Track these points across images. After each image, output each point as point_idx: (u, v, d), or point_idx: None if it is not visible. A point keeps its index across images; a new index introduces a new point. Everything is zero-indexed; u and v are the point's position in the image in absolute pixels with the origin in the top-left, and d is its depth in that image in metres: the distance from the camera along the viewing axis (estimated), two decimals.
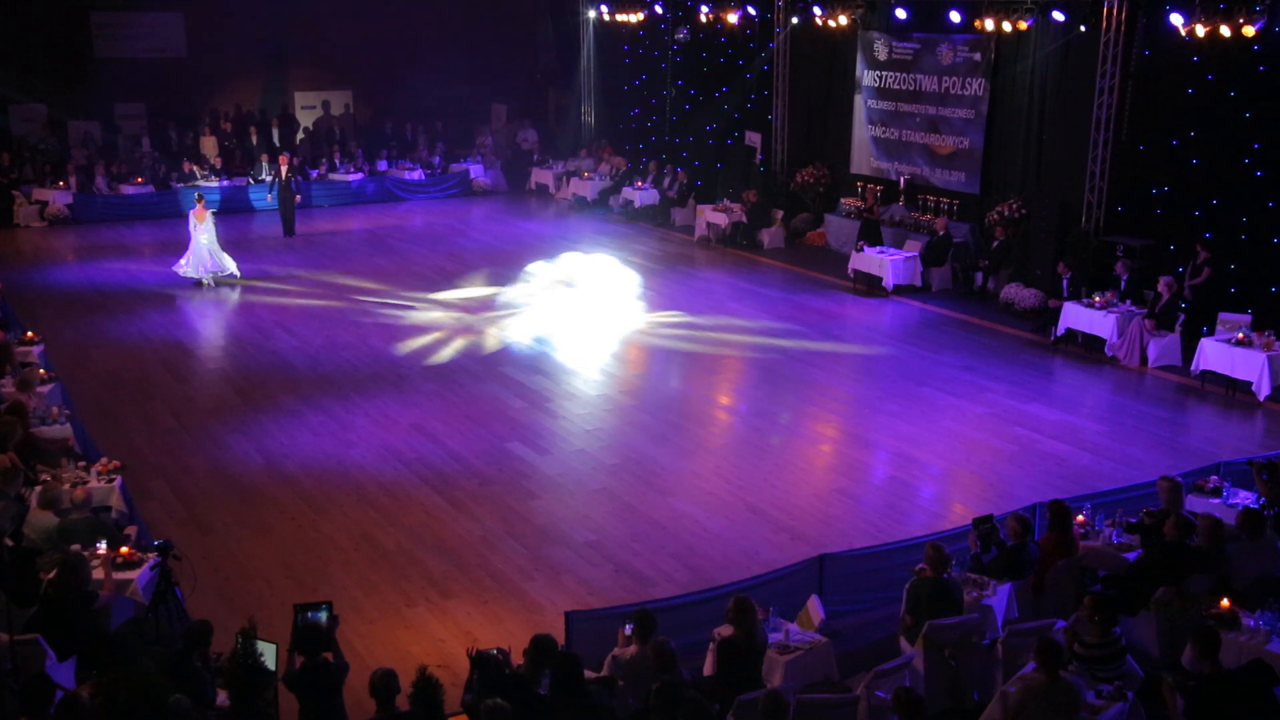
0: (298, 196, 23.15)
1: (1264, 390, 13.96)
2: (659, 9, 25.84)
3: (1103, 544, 9.44)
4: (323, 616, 7.52)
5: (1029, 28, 18.26)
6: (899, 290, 19.06)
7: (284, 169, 23.24)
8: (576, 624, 8.22)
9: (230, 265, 19.60)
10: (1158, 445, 12.91)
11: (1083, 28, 17.48)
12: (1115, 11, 16.92)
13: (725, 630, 7.79)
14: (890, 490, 11.94)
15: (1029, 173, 19.08)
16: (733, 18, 23.67)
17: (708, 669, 7.89)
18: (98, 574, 8.54)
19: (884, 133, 21.62)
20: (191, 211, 19.72)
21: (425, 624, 9.30)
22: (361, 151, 27.77)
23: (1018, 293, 17.83)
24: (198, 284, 19.24)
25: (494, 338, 16.72)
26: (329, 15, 28.59)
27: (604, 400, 14.42)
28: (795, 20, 22.79)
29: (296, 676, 7.19)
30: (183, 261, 19.40)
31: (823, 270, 20.83)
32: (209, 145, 26.67)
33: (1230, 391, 14.40)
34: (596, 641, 8.00)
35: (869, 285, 19.47)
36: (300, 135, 28.56)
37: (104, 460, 10.79)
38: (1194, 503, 10.03)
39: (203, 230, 19.33)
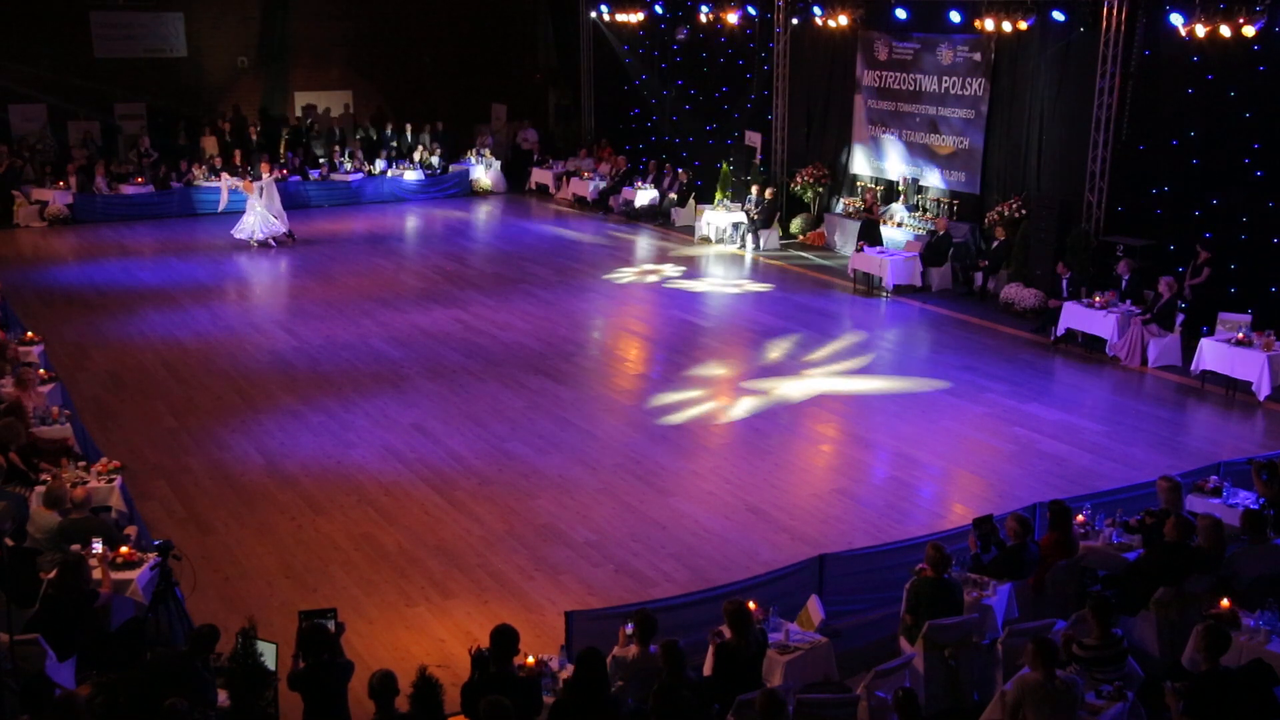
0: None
1: (1264, 390, 13.97)
2: (659, 9, 25.85)
3: (1103, 544, 9.44)
4: (330, 625, 7.53)
5: (1029, 28, 18.26)
6: (899, 290, 19.06)
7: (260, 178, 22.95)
8: (576, 624, 8.22)
9: (282, 227, 22.29)
10: (1158, 445, 12.92)
11: (1081, 29, 17.49)
12: (1115, 11, 16.93)
13: (726, 630, 7.79)
14: (890, 490, 11.94)
15: (1029, 173, 19.08)
16: (733, 18, 23.69)
17: (707, 669, 7.88)
18: (96, 574, 8.53)
19: (884, 132, 21.63)
20: (241, 184, 22.40)
21: (425, 624, 9.30)
22: (361, 151, 27.78)
23: (1018, 293, 17.83)
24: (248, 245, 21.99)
25: (494, 338, 16.72)
26: (329, 15, 28.68)
27: (604, 400, 14.42)
28: (795, 20, 22.79)
29: (301, 676, 7.20)
30: (238, 229, 22.08)
31: (823, 270, 20.85)
32: (209, 145, 26.67)
33: (1230, 391, 14.40)
34: (596, 641, 7.98)
35: (869, 285, 19.48)
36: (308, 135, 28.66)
37: (104, 460, 10.78)
38: (1194, 503, 10.03)
39: (253, 199, 21.96)
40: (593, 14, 28.22)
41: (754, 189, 22.77)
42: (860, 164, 22.29)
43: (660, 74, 26.82)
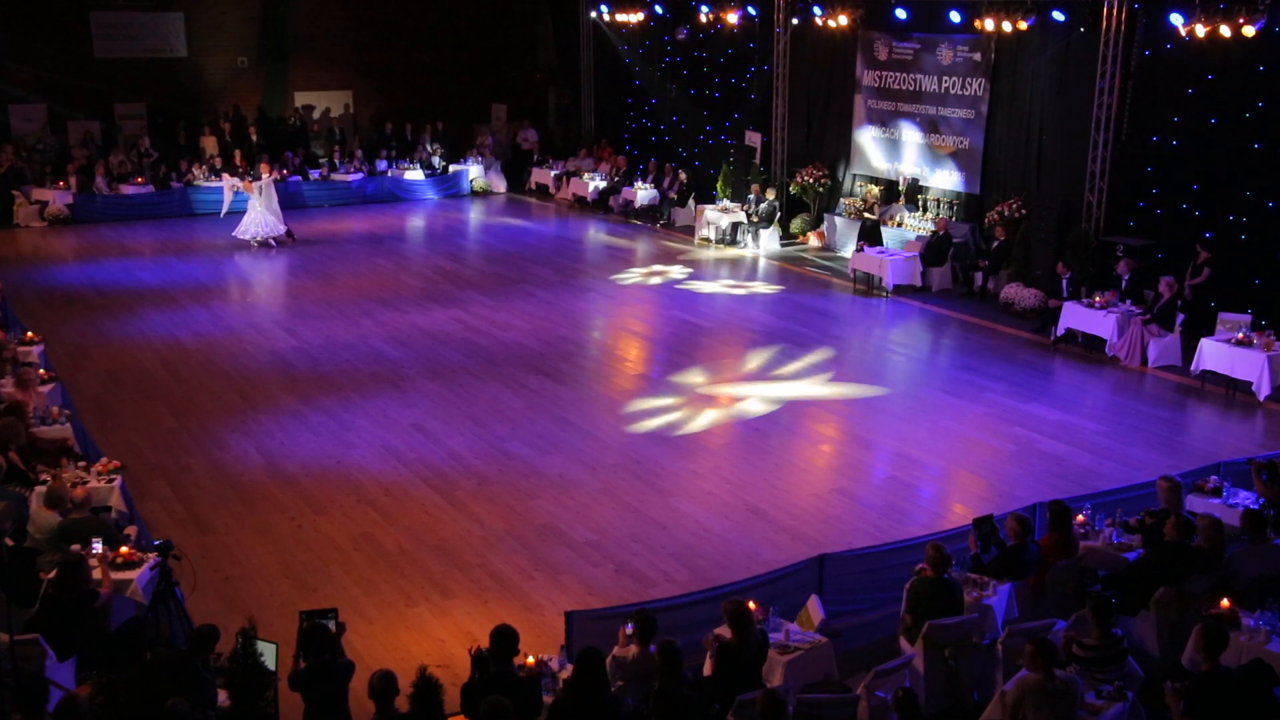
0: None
1: (1264, 390, 13.97)
2: (659, 9, 25.85)
3: (1103, 544, 9.44)
4: (330, 625, 7.54)
5: (1029, 28, 18.26)
6: (899, 290, 19.06)
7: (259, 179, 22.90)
8: (576, 624, 8.22)
9: (281, 227, 22.29)
10: (1158, 445, 12.91)
11: (1081, 29, 17.49)
12: (1115, 11, 16.93)
13: (725, 632, 7.79)
14: (890, 490, 11.93)
15: (1029, 173, 19.07)
16: (733, 18, 23.69)
17: (708, 669, 7.88)
18: (96, 574, 8.53)
19: (884, 133, 21.63)
20: (241, 184, 22.57)
21: (425, 624, 9.30)
22: (361, 151, 27.78)
23: (1018, 293, 17.83)
24: (249, 244, 22.13)
25: (494, 338, 16.73)
26: (329, 15, 28.70)
27: (603, 400, 14.42)
28: (795, 20, 22.78)
29: (303, 676, 7.20)
30: (240, 229, 22.12)
31: (823, 270, 20.86)
32: (209, 145, 26.68)
33: (1230, 391, 14.40)
34: (596, 641, 7.98)
35: (869, 285, 19.48)
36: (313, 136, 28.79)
37: (104, 460, 10.78)
38: (1194, 503, 10.03)
39: (253, 199, 22.04)
40: (593, 14, 28.22)
41: (754, 189, 22.78)
42: (860, 164, 22.29)
43: (660, 74, 26.82)
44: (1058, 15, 17.64)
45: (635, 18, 26.48)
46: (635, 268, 21.08)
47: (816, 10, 21.48)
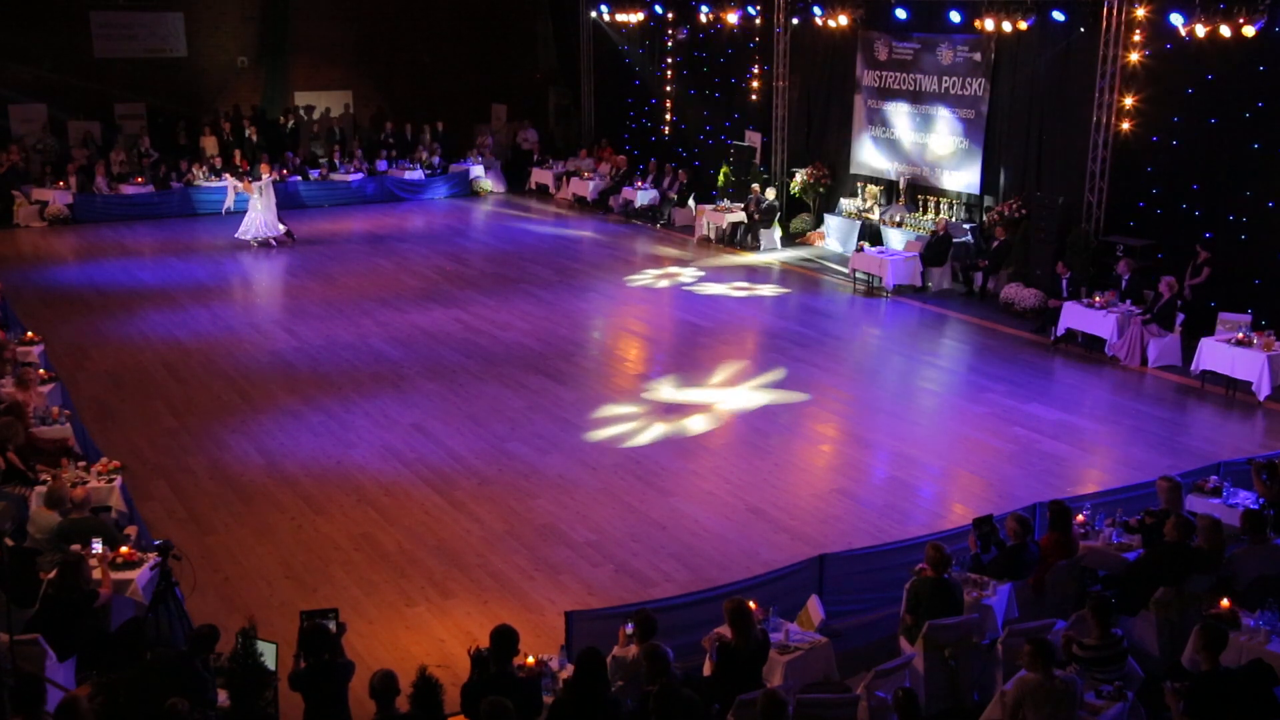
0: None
1: (1264, 390, 13.97)
2: (659, 9, 25.86)
3: (1103, 544, 9.44)
4: (331, 625, 7.54)
5: (1029, 28, 18.27)
6: (899, 290, 19.07)
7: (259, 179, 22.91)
8: (576, 624, 8.23)
9: (279, 228, 22.38)
10: (1158, 445, 12.91)
11: (1081, 29, 17.50)
12: (1115, 12, 16.93)
13: (725, 631, 7.78)
14: (890, 490, 11.93)
15: (1029, 173, 19.08)
16: (733, 18, 23.70)
17: (708, 669, 7.88)
18: (96, 574, 8.53)
19: (884, 133, 21.63)
20: (240, 184, 22.98)
21: (425, 624, 9.30)
22: (361, 151, 27.77)
23: (1018, 293, 17.83)
24: (250, 245, 22.15)
25: (494, 338, 16.72)
26: (329, 14, 28.69)
27: (603, 400, 14.41)
28: (795, 20, 22.79)
29: (302, 676, 7.20)
30: (241, 230, 22.24)
31: (823, 270, 20.86)
32: (209, 145, 26.67)
33: (1230, 391, 14.41)
34: (596, 641, 7.98)
35: (869, 285, 19.48)
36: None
37: (104, 460, 10.79)
38: (1194, 503, 10.04)
39: (254, 199, 22.16)
40: (593, 14, 28.23)
41: (754, 189, 22.78)
42: (860, 164, 22.29)
43: (660, 74, 26.82)
44: (1058, 15, 17.64)
45: (635, 18, 26.49)
46: (635, 268, 21.08)
47: (816, 10, 21.48)
